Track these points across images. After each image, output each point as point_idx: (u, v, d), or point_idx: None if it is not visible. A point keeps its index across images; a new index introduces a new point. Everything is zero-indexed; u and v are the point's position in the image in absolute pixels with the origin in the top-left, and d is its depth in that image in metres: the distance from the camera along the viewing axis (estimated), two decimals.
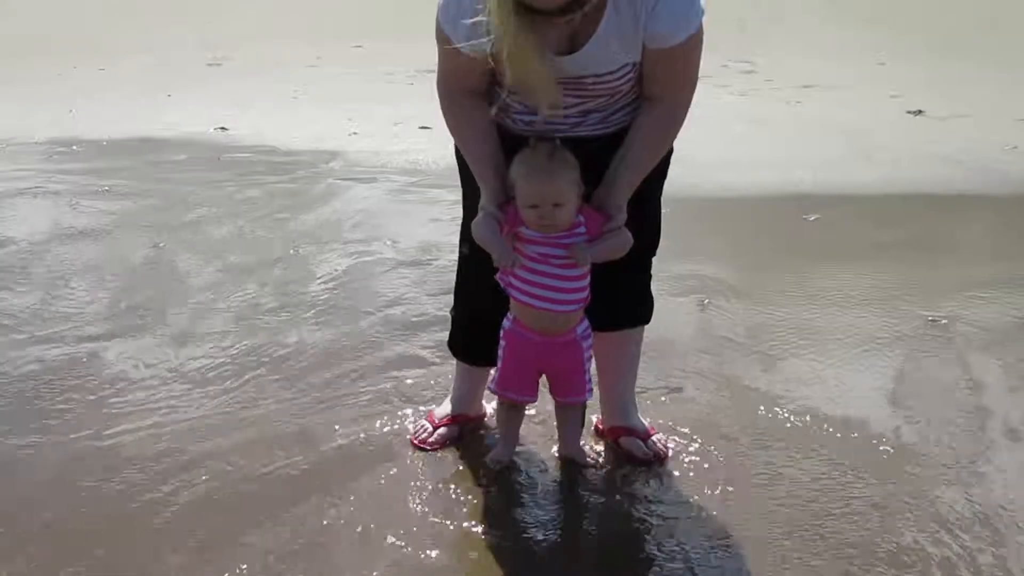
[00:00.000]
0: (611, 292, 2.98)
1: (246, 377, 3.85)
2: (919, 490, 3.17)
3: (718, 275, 4.71)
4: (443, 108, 2.94)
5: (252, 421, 3.55)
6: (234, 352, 4.06)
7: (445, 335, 4.03)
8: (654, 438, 3.36)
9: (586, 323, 2.96)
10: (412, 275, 4.76)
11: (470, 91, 2.86)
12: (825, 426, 3.51)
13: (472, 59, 2.71)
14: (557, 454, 3.27)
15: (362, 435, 3.44)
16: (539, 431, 3.40)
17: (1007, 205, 5.54)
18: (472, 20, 2.62)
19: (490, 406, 3.48)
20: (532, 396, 3.10)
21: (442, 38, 2.75)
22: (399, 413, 3.59)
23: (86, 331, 4.24)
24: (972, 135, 6.40)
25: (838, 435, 3.46)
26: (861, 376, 3.86)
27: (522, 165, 2.78)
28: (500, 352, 3.01)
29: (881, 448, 3.39)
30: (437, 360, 3.94)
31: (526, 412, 3.27)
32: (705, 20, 2.68)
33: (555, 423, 3.26)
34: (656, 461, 3.30)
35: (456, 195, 4.96)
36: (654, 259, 3.19)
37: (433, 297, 4.51)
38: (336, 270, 4.85)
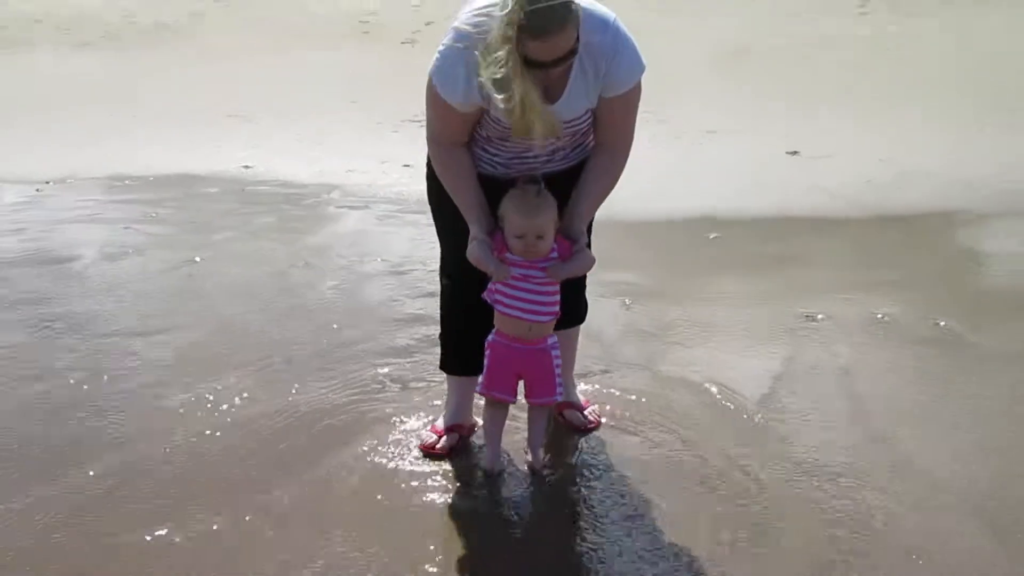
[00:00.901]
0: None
1: (260, 364, 3.91)
2: (800, 449, 3.28)
3: (638, 282, 4.77)
4: (438, 161, 2.85)
5: (262, 399, 3.61)
6: (252, 342, 4.12)
7: (423, 330, 4.09)
8: (589, 409, 3.44)
9: (555, 337, 2.98)
10: (396, 282, 4.81)
11: (459, 144, 2.81)
12: (725, 400, 3.60)
13: (465, 115, 2.69)
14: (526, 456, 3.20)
15: (362, 408, 3.53)
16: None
17: (864, 226, 5.65)
18: (466, 78, 2.55)
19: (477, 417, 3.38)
20: (511, 397, 3.03)
21: (437, 99, 2.68)
22: (389, 392, 3.65)
23: (135, 327, 4.28)
24: (837, 171, 6.49)
25: (734, 407, 3.55)
26: (753, 360, 3.95)
27: (513, 201, 2.77)
28: (486, 360, 2.97)
29: (767, 415, 3.49)
30: (419, 349, 3.99)
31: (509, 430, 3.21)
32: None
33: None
34: (591, 427, 3.39)
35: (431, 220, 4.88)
36: (587, 274, 3.18)
37: (413, 300, 4.56)
38: (336, 278, 4.90)
